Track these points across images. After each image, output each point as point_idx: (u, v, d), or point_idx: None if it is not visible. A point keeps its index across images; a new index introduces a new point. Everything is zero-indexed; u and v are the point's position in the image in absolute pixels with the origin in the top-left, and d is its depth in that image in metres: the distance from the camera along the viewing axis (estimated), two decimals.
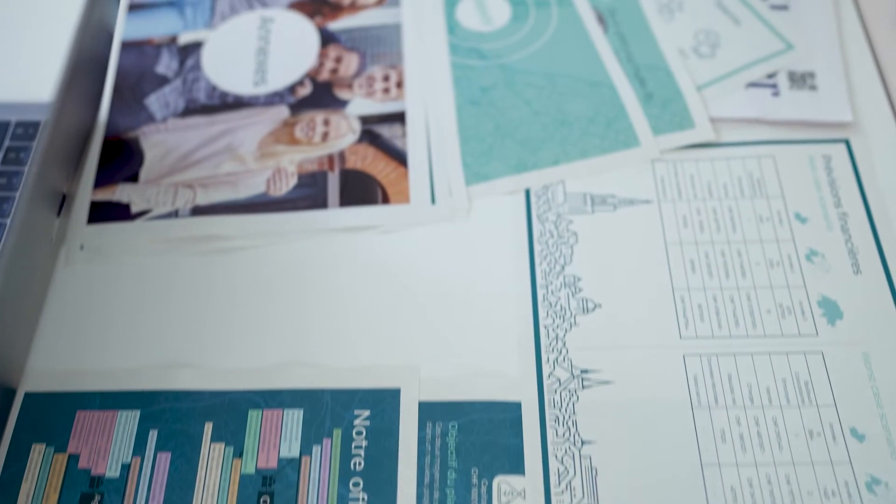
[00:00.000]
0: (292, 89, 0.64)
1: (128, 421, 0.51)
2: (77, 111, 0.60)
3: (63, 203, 0.59)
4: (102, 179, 0.60)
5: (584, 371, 0.52)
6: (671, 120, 0.61)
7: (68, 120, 0.58)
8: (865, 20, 0.65)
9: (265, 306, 0.55)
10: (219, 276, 0.56)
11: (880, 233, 0.56)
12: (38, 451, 0.50)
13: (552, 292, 0.55)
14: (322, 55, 0.66)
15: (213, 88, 0.64)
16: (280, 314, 0.55)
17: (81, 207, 0.59)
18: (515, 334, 0.53)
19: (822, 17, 0.66)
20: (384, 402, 0.51)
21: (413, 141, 0.61)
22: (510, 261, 0.56)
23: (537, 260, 0.56)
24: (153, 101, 0.64)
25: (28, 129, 0.61)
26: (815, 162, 0.59)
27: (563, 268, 0.56)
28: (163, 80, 0.65)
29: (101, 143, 0.62)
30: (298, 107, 0.63)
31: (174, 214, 0.58)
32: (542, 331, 0.53)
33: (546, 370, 0.52)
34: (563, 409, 0.50)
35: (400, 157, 0.60)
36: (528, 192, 0.59)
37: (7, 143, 0.61)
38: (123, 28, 0.68)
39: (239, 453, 0.49)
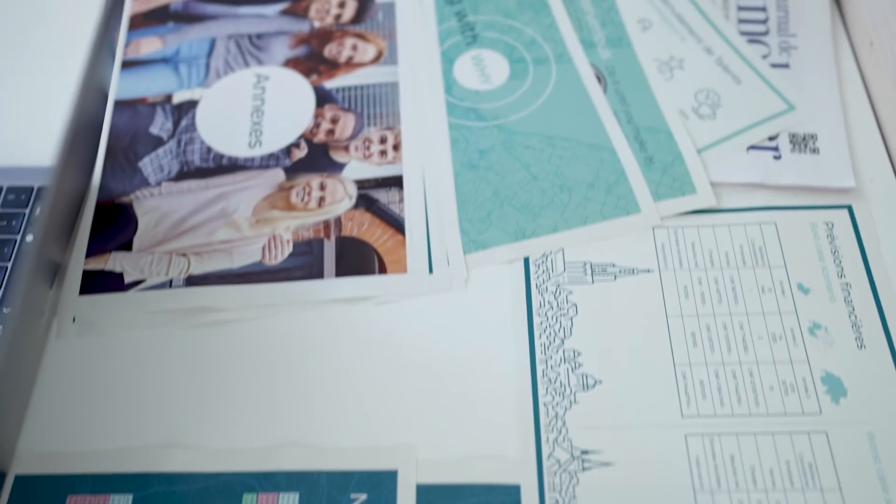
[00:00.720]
0: (288, 151, 0.63)
1: None
2: (74, 176, 0.59)
3: (56, 273, 0.58)
4: (95, 248, 0.59)
5: (585, 452, 0.51)
6: (672, 185, 0.60)
7: (66, 186, 0.57)
8: (867, 80, 0.65)
9: (260, 382, 0.54)
10: (213, 351, 0.55)
11: (884, 305, 0.55)
12: None
13: (552, 367, 0.54)
14: (318, 115, 0.65)
15: (208, 150, 0.64)
16: (275, 390, 0.54)
17: (73, 277, 0.58)
18: (515, 412, 0.52)
19: (823, 75, 0.65)
20: (382, 486, 0.50)
21: (410, 207, 0.60)
22: (509, 334, 0.55)
23: (536, 333, 0.55)
24: (147, 164, 0.63)
25: (20, 196, 0.61)
26: (817, 229, 0.58)
27: (562, 341, 0.55)
28: (157, 142, 0.64)
29: (93, 209, 0.61)
30: (294, 170, 0.62)
31: (168, 285, 0.58)
32: (542, 408, 0.52)
33: (546, 451, 0.51)
34: (564, 493, 0.50)
35: (397, 224, 0.59)
36: (526, 261, 0.58)
37: None
38: (117, 86, 0.67)
39: None
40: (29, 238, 0.59)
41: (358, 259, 0.58)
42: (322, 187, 0.61)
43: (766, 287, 0.56)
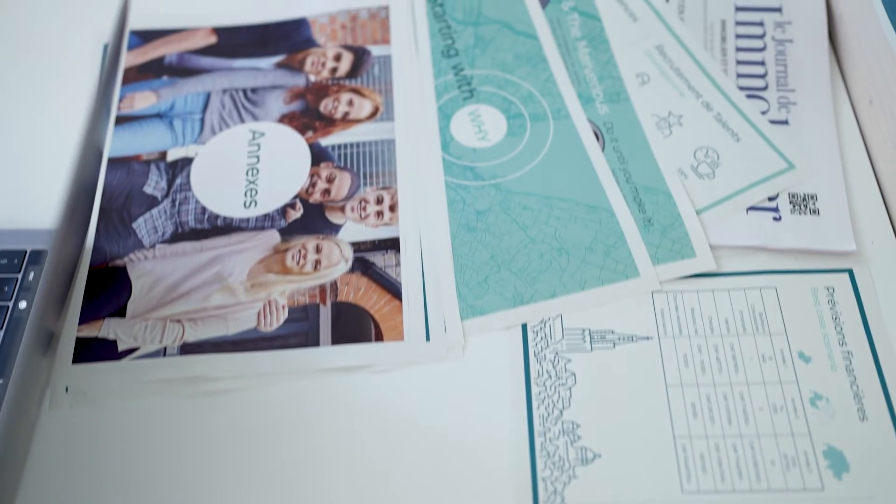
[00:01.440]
0: (283, 211, 0.63)
1: None
2: (71, 240, 0.58)
3: (50, 341, 0.57)
4: (88, 314, 0.59)
5: None
6: (671, 248, 0.59)
7: (65, 251, 0.56)
8: (866, 138, 0.64)
9: (255, 454, 0.53)
10: (207, 422, 0.55)
11: (886, 375, 0.55)
12: None
13: (550, 440, 0.53)
14: (314, 174, 0.64)
15: (203, 210, 0.63)
16: (271, 462, 0.53)
17: (67, 345, 0.58)
18: (513, 487, 0.52)
19: (822, 133, 0.64)
20: None
21: (407, 272, 0.59)
22: (507, 404, 0.55)
23: (535, 403, 0.55)
24: (141, 225, 0.62)
25: (13, 260, 0.60)
26: (818, 294, 0.58)
27: (561, 412, 0.54)
28: (151, 202, 0.63)
29: (86, 273, 0.60)
30: (289, 231, 0.62)
31: (162, 353, 0.57)
32: (541, 483, 0.52)
33: None
34: None
35: (394, 290, 0.59)
36: (524, 327, 0.58)
37: None
38: (111, 143, 0.66)
39: None
40: (22, 305, 0.58)
41: (354, 326, 0.58)
42: (318, 250, 0.61)
43: (767, 355, 0.56)
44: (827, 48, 0.68)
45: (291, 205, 0.63)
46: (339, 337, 0.57)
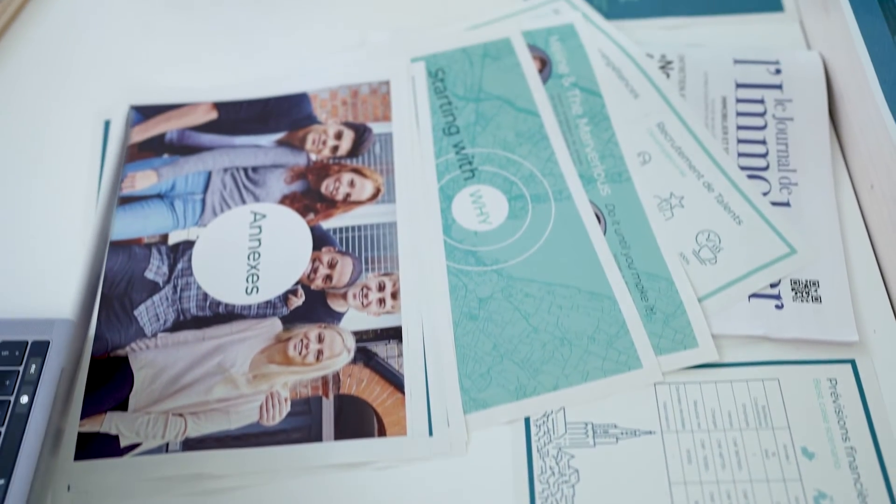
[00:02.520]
0: (285, 299, 0.63)
1: None
2: (81, 332, 0.58)
3: (53, 438, 0.57)
4: (90, 408, 0.59)
5: None
6: (674, 338, 0.60)
7: (78, 344, 0.56)
8: (868, 222, 0.64)
9: None
10: None
11: (889, 473, 0.55)
12: None
13: None
14: (315, 259, 0.64)
15: (205, 297, 0.63)
16: None
17: (69, 442, 0.58)
18: None
19: (824, 216, 0.65)
20: None
21: (410, 363, 0.59)
22: (511, 502, 0.55)
23: (538, 502, 0.55)
24: (143, 313, 0.62)
25: (14, 351, 0.60)
26: (820, 386, 0.58)
27: None
28: (153, 288, 0.63)
29: (88, 364, 0.60)
30: (291, 319, 0.62)
31: (165, 448, 0.57)
32: None
33: None
34: None
35: (396, 382, 0.59)
36: (527, 421, 0.58)
37: None
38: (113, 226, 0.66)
39: None
40: (23, 400, 0.58)
41: (357, 420, 0.57)
42: (320, 339, 0.61)
43: (770, 451, 0.56)
44: (828, 127, 0.68)
45: (293, 291, 0.63)
46: (342, 432, 0.57)
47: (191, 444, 0.57)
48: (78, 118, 0.73)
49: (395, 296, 0.62)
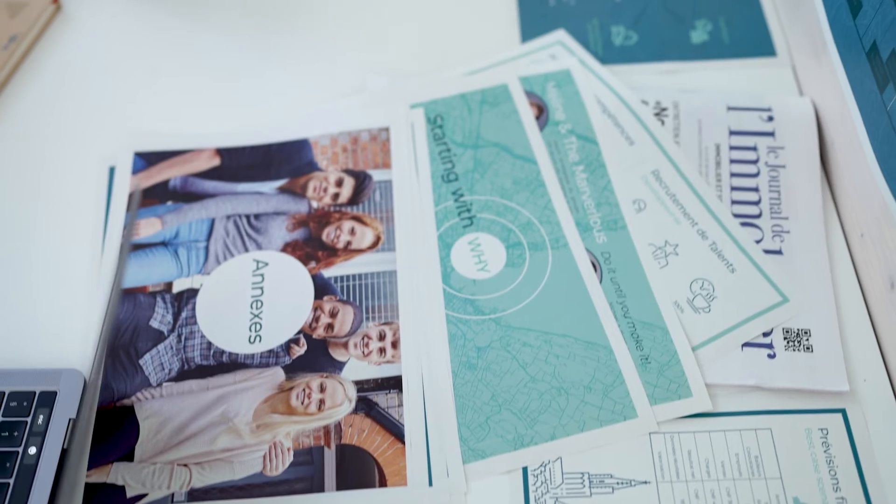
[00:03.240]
0: (287, 348, 0.64)
1: None
2: (92, 386, 0.59)
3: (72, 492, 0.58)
4: (97, 458, 0.60)
5: None
6: (668, 387, 0.61)
7: (91, 398, 0.57)
8: (859, 271, 0.66)
9: None
10: None
11: None
12: None
13: None
14: (317, 307, 0.66)
15: (209, 345, 0.64)
16: None
17: (76, 495, 0.58)
18: None
19: (815, 264, 0.66)
20: None
21: (410, 413, 0.61)
22: None
23: None
24: (148, 362, 0.64)
25: (22, 402, 0.61)
26: (812, 436, 0.59)
27: None
28: (158, 337, 0.65)
29: (94, 414, 0.61)
30: (294, 368, 0.63)
31: (170, 499, 0.58)
32: None
33: None
34: None
35: (397, 432, 0.60)
36: (525, 470, 0.59)
37: (0, 419, 0.60)
38: None
39: None
40: (31, 451, 0.59)
41: (358, 470, 0.59)
42: (322, 389, 0.62)
43: (763, 501, 0.57)
44: (819, 175, 0.70)
45: (295, 340, 0.64)
46: (344, 482, 0.58)
47: (196, 495, 0.58)
48: (82, 165, 0.74)
49: (395, 345, 0.64)
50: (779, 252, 0.67)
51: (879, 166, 0.60)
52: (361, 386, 0.62)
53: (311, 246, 0.68)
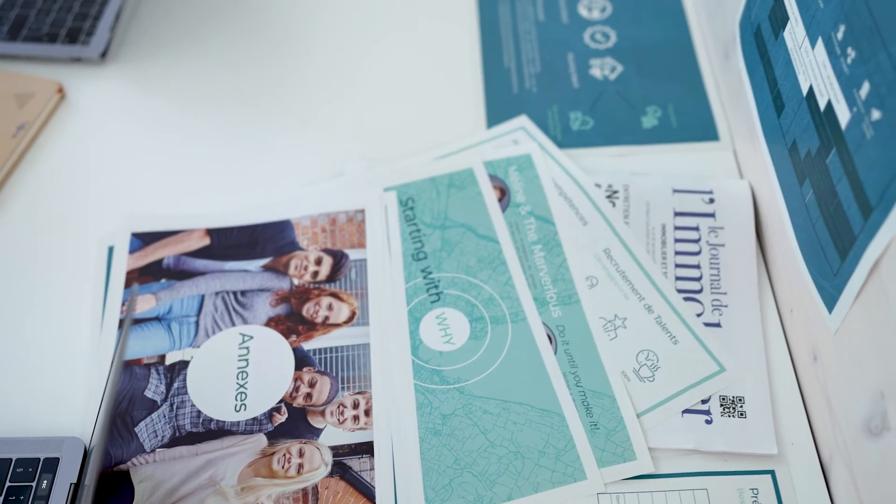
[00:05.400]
0: (270, 416, 0.70)
1: None
2: (97, 455, 0.65)
3: None
4: None
5: None
6: (615, 451, 0.67)
7: (96, 466, 0.62)
8: (790, 342, 0.72)
9: None
10: None
11: None
12: None
13: None
14: (297, 378, 0.72)
15: (198, 414, 0.71)
16: None
17: None
18: None
19: (750, 336, 0.73)
20: None
21: (380, 476, 0.67)
22: None
23: None
24: (143, 429, 0.70)
25: (28, 468, 0.67)
26: (744, 495, 0.66)
27: None
28: (152, 406, 0.71)
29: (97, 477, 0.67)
30: (275, 435, 0.69)
31: None
32: None
33: None
34: None
35: (368, 493, 0.66)
36: None
37: (7, 483, 0.66)
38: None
39: None
40: None
41: None
42: (301, 454, 0.68)
43: None
44: (755, 253, 0.77)
45: (277, 409, 0.71)
46: None
47: None
48: (83, 244, 0.81)
49: (367, 413, 0.70)
50: (717, 325, 0.74)
51: (800, 251, 0.67)
52: (337, 451, 0.68)
53: (292, 320, 0.75)
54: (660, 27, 0.94)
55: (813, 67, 0.64)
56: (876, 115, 0.56)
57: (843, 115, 0.60)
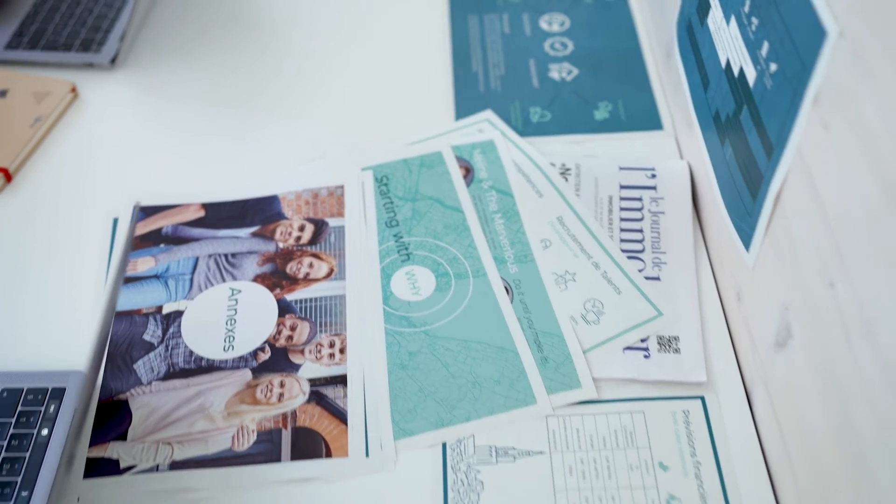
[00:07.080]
0: (255, 354, 0.79)
1: None
2: (90, 381, 0.74)
3: (70, 462, 0.72)
4: (97, 438, 0.74)
5: None
6: (562, 380, 0.76)
7: (89, 390, 0.71)
8: (721, 290, 0.81)
9: None
10: None
11: (725, 480, 0.70)
12: None
13: None
14: (280, 323, 0.81)
15: (190, 353, 0.79)
16: None
17: (79, 464, 0.72)
18: None
19: (686, 287, 0.82)
20: None
21: (352, 402, 0.75)
22: None
23: None
24: (140, 366, 0.78)
25: (37, 396, 0.75)
26: (676, 417, 0.74)
27: None
28: (149, 347, 0.80)
29: (96, 405, 0.76)
30: (259, 370, 0.78)
31: (155, 469, 0.72)
32: None
33: None
34: None
35: (341, 416, 0.74)
36: (444, 445, 0.73)
37: (19, 408, 0.75)
38: (118, 300, 0.83)
39: None
40: (44, 432, 0.73)
41: (309, 445, 0.73)
42: (282, 385, 0.77)
43: (634, 465, 0.71)
44: (691, 218, 0.86)
45: (261, 349, 0.79)
46: (297, 454, 0.72)
47: (176, 465, 0.72)
48: (93, 217, 0.90)
49: (342, 351, 0.79)
50: (657, 279, 0.83)
51: (723, 201, 0.77)
52: (314, 382, 0.77)
53: (277, 277, 0.84)
54: (613, 37, 1.06)
55: (729, 42, 0.75)
56: (773, 67, 0.66)
57: (751, 76, 0.70)
